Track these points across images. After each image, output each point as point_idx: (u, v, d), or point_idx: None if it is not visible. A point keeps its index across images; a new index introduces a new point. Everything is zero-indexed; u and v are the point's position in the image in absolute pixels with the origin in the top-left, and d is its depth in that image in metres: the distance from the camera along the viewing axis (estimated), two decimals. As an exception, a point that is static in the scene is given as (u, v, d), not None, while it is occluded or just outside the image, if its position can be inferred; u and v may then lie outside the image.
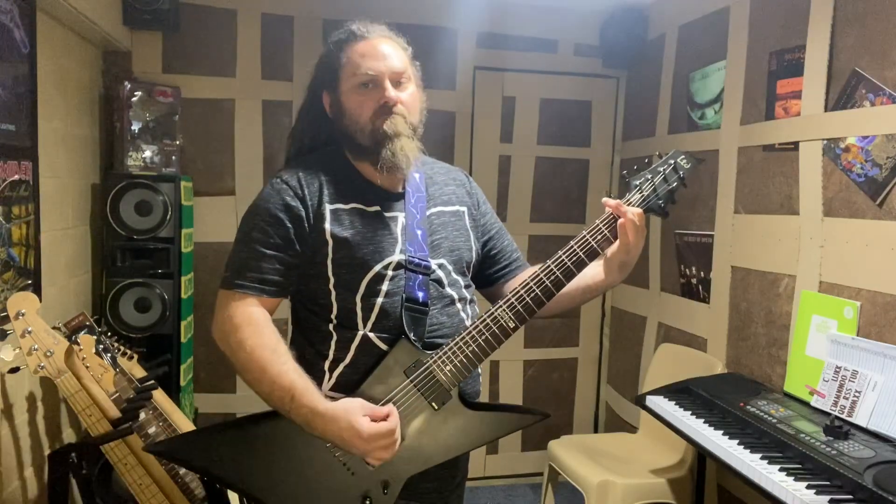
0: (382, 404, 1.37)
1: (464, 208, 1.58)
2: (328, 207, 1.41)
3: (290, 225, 1.40)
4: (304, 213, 1.40)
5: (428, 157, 1.61)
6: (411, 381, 1.39)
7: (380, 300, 1.41)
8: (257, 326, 1.36)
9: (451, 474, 1.55)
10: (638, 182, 1.47)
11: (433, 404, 1.39)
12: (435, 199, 1.54)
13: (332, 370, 1.42)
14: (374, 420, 1.31)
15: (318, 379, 1.39)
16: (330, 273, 1.41)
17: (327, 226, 1.40)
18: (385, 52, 1.45)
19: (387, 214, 1.46)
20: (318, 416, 1.30)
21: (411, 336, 1.40)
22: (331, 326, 1.43)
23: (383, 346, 1.40)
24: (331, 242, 1.40)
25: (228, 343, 1.37)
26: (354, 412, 1.30)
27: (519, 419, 1.53)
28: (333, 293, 1.42)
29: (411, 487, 1.42)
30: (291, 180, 1.43)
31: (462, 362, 1.39)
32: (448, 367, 1.39)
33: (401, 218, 1.47)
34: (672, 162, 1.48)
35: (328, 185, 1.44)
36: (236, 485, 1.40)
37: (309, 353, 1.45)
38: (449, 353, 1.39)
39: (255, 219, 1.41)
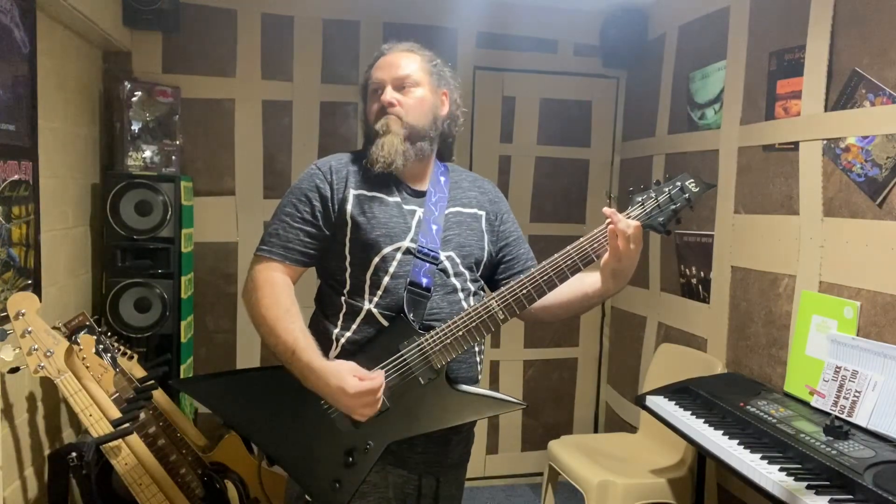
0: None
1: (482, 212, 1.71)
2: (352, 192, 1.58)
3: (317, 203, 1.57)
4: (330, 195, 1.58)
5: (460, 167, 1.79)
6: (402, 355, 1.51)
7: (386, 279, 1.55)
8: (274, 288, 1.54)
9: (442, 451, 1.62)
10: (641, 198, 1.54)
11: (420, 379, 1.52)
12: (455, 201, 1.67)
13: (338, 339, 1.57)
14: (361, 381, 1.44)
15: (327, 346, 1.55)
16: (347, 251, 1.57)
17: (349, 208, 1.57)
18: (393, 62, 1.63)
19: (406, 207, 1.60)
20: (312, 372, 1.46)
21: (410, 316, 1.53)
22: (342, 300, 1.58)
23: (384, 322, 1.55)
24: (350, 223, 1.56)
25: (250, 300, 1.55)
26: (344, 371, 1.45)
27: (498, 404, 1.62)
28: (348, 270, 1.58)
29: (399, 455, 1.55)
30: (324, 166, 1.62)
31: (450, 344, 1.50)
32: (438, 348, 1.51)
33: (419, 212, 1.60)
34: (679, 184, 1.54)
35: (356, 174, 1.60)
36: (240, 426, 1.63)
37: (322, 324, 1.61)
38: (440, 334, 1.51)
39: (289, 197, 1.61)
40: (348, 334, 1.56)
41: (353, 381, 1.43)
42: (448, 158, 1.75)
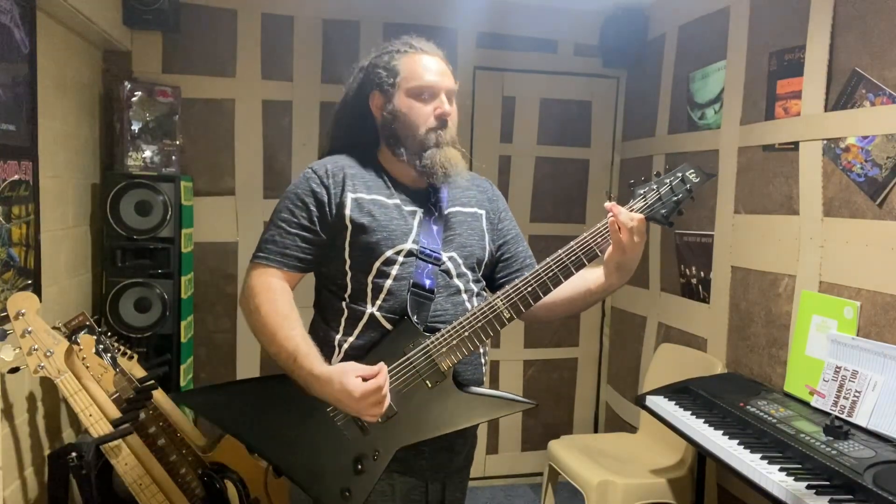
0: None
1: (482, 211, 1.70)
2: (350, 196, 1.55)
3: (314, 208, 1.55)
4: (327, 199, 1.55)
5: None
6: (408, 359, 1.50)
7: (388, 282, 1.53)
8: (273, 294, 1.51)
9: (448, 456, 1.61)
10: (642, 191, 1.52)
11: (427, 382, 1.50)
12: (455, 201, 1.66)
13: (340, 345, 1.55)
14: (365, 379, 1.42)
15: (329, 353, 1.53)
16: (347, 255, 1.55)
17: (347, 212, 1.54)
18: (443, 70, 1.61)
19: (406, 208, 1.59)
20: (314, 378, 1.44)
21: (414, 318, 1.51)
22: (344, 304, 1.56)
23: (388, 326, 1.53)
24: (350, 227, 1.54)
25: (248, 307, 1.53)
26: (346, 374, 1.42)
27: (507, 405, 1.60)
28: (349, 274, 1.56)
29: (405, 462, 1.53)
30: (319, 170, 1.58)
31: (456, 346, 1.49)
32: (444, 349, 1.49)
33: (419, 213, 1.59)
34: (680, 174, 1.52)
35: (353, 178, 1.58)
36: (245, 438, 1.59)
37: (323, 330, 1.59)
38: (446, 336, 1.49)
39: (284, 202, 1.58)
40: (351, 339, 1.54)
41: (356, 383, 1.40)
42: None
